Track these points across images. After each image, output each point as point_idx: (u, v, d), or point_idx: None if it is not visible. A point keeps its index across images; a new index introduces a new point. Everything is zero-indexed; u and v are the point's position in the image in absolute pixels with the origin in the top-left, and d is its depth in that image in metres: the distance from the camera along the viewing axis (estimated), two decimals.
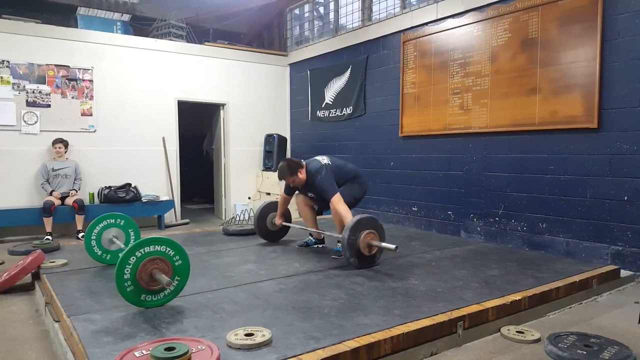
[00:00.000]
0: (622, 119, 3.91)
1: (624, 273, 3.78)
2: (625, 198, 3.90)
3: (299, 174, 4.04)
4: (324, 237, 4.52)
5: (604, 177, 4.04)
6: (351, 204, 4.06)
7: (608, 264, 3.90)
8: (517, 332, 2.64)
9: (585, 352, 2.28)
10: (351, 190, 4.12)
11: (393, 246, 3.51)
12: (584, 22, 4.09)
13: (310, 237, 4.52)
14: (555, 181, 4.37)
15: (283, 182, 4.19)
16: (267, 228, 4.66)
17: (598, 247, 4.07)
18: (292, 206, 4.55)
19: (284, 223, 4.56)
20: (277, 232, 4.73)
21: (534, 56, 4.46)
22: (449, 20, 5.25)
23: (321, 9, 7.75)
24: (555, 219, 4.37)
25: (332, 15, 7.31)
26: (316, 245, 4.47)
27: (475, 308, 2.72)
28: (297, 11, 8.06)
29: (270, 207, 4.68)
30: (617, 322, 2.86)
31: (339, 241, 4.14)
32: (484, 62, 4.91)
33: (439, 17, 5.36)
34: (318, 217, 4.50)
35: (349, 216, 3.78)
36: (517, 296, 2.94)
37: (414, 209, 5.82)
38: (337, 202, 3.88)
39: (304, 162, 4.12)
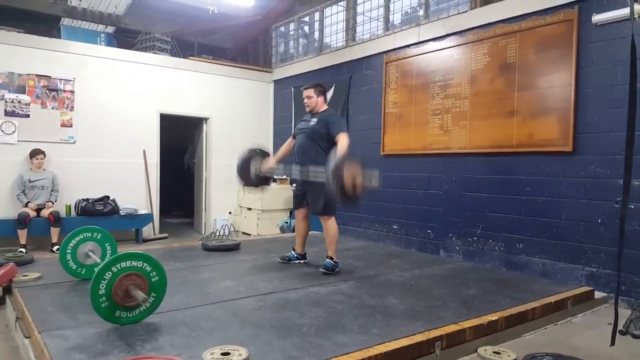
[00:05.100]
0: (596, 143, 4.03)
1: (598, 294, 3.85)
2: (599, 220, 4.00)
3: (321, 97, 4.31)
4: (305, 253, 4.52)
5: (578, 199, 4.14)
6: (333, 208, 4.18)
7: (582, 285, 3.97)
8: (493, 352, 2.67)
9: None
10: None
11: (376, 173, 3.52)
12: (560, 48, 4.23)
13: (292, 252, 4.51)
14: (531, 202, 4.46)
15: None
16: (255, 174, 4.44)
17: (573, 268, 4.15)
18: None
19: (277, 165, 4.47)
20: (264, 178, 4.60)
21: (512, 80, 4.59)
22: (431, 43, 5.37)
23: (306, 28, 7.84)
24: (532, 240, 4.45)
25: (316, 34, 7.41)
26: (298, 261, 4.46)
27: (453, 328, 2.74)
28: (282, 29, 8.15)
29: (253, 152, 4.54)
30: (591, 343, 2.91)
31: (327, 257, 4.13)
32: (463, 84, 5.02)
33: (420, 40, 5.48)
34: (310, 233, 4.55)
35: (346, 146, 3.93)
36: (494, 316, 2.97)
37: (394, 227, 5.86)
38: (344, 137, 4.05)
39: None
